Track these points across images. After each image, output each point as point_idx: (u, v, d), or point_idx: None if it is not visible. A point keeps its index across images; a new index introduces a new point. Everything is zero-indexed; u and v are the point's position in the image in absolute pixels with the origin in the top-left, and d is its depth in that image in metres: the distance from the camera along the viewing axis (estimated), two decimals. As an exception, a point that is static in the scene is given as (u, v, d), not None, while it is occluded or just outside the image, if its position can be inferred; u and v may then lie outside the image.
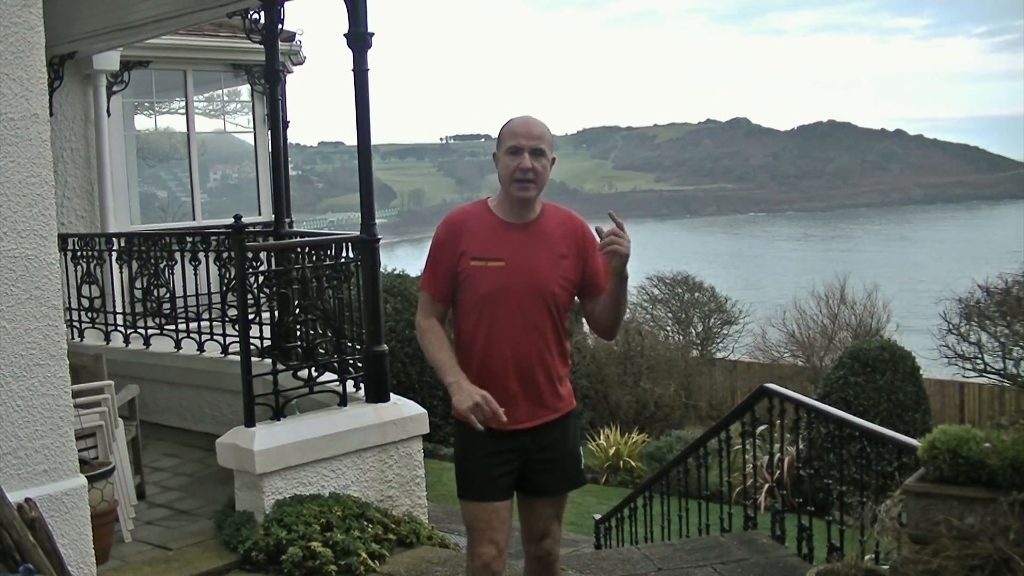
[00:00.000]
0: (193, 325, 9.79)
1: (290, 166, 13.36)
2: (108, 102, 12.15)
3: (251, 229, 10.24)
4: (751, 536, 8.66)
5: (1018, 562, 4.12)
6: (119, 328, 10.60)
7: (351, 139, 7.92)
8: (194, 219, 13.36)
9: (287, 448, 7.03)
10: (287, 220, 9.66)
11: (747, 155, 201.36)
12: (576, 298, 4.71)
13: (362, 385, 7.82)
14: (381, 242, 8.15)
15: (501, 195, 4.59)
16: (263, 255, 8.00)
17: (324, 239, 8.07)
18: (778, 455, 10.34)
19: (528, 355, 4.52)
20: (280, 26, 9.07)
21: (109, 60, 11.86)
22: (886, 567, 4.92)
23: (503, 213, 4.56)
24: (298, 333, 7.88)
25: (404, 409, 7.75)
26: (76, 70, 11.82)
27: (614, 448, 19.21)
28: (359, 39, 7.69)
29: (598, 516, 12.83)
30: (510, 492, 4.66)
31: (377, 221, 8.00)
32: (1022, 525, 4.21)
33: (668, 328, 29.02)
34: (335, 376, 7.74)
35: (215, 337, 9.47)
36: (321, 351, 7.81)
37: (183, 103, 13.50)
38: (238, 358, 7.30)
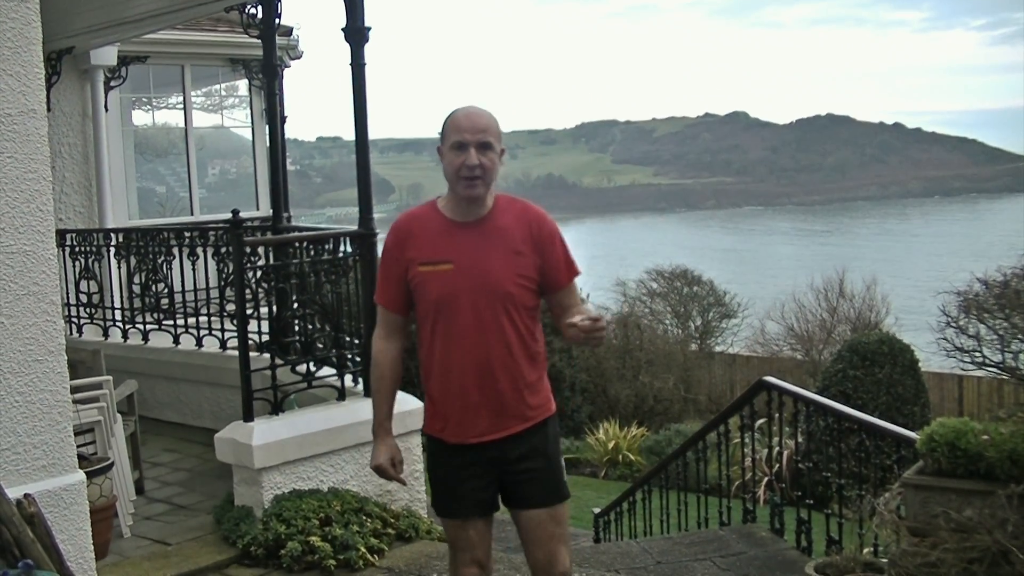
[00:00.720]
0: (192, 320, 9.79)
1: (288, 161, 13.34)
2: (106, 97, 12.13)
3: (249, 224, 10.22)
4: (750, 529, 8.68)
5: (1016, 554, 4.12)
6: (117, 323, 10.60)
7: (349, 134, 7.92)
8: (192, 214, 13.36)
9: (286, 443, 7.03)
10: (285, 215, 9.65)
11: (745, 149, 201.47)
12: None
13: (360, 379, 7.82)
14: (379, 236, 8.15)
15: (449, 193, 4.27)
16: (261, 250, 8.02)
17: (322, 233, 8.06)
18: (777, 448, 10.34)
19: (488, 362, 4.18)
20: (277, 20, 9.06)
21: (107, 55, 11.85)
22: (885, 560, 4.93)
23: (451, 212, 4.24)
24: (296, 328, 7.87)
25: (403, 403, 7.72)
26: (74, 65, 11.81)
27: (613, 442, 19.20)
28: (356, 33, 7.69)
29: (597, 510, 12.85)
30: (488, 507, 4.38)
31: (375, 215, 7.99)
32: (1020, 518, 4.21)
33: (667, 322, 29.01)
34: (333, 371, 7.74)
35: (213, 332, 9.47)
36: (319, 346, 7.80)
37: (181, 98, 13.49)
38: (236, 353, 7.29)
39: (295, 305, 7.73)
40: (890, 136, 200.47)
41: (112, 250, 10.71)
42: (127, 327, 10.44)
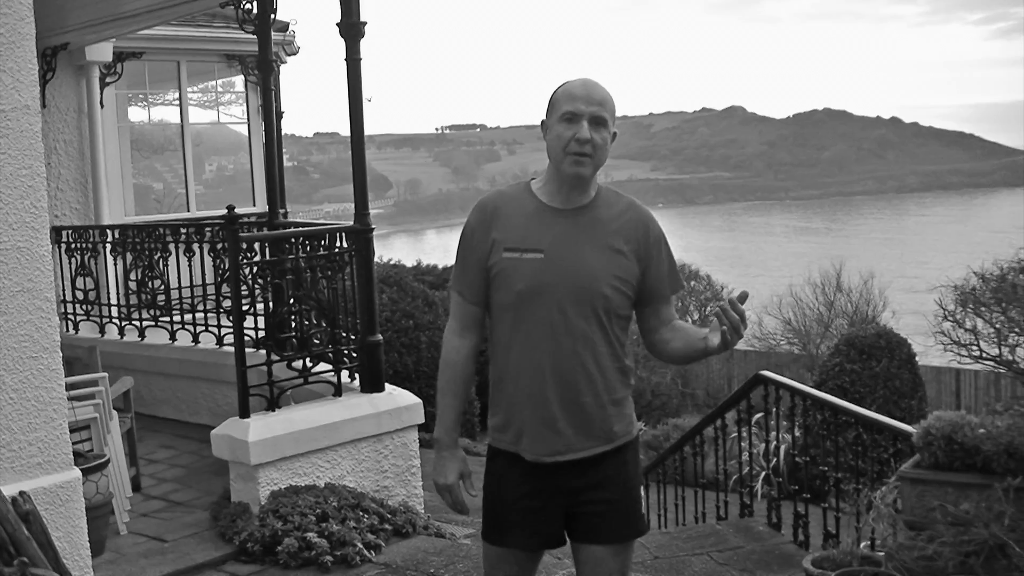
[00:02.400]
0: (188, 316, 9.79)
1: (285, 157, 13.32)
2: (101, 93, 12.11)
3: (245, 220, 10.22)
4: (747, 524, 8.68)
5: (1013, 547, 4.12)
6: (114, 320, 10.59)
7: (346, 130, 7.92)
8: (189, 210, 13.33)
9: (282, 439, 7.03)
10: (281, 211, 9.65)
11: (743, 143, 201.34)
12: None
13: (357, 375, 7.82)
14: (377, 232, 8.14)
15: (548, 174, 3.79)
16: (257, 246, 8.01)
17: (317, 229, 8.06)
18: (774, 443, 10.34)
19: (572, 370, 3.67)
20: (273, 16, 9.05)
21: (102, 51, 11.82)
22: (882, 554, 4.93)
23: (548, 196, 3.75)
24: (292, 324, 7.87)
25: (399, 399, 7.75)
26: (69, 61, 11.78)
27: (611, 437, 19.20)
28: (352, 29, 7.68)
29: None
30: (543, 540, 3.87)
31: (373, 211, 7.99)
32: (1017, 511, 4.21)
33: (664, 317, 29.03)
34: (330, 366, 7.74)
35: (210, 328, 9.47)
36: (315, 341, 7.80)
37: (177, 94, 13.46)
38: (233, 349, 7.29)
39: (291, 301, 7.72)
40: (887, 130, 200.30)
41: (108, 247, 10.70)
42: (123, 324, 10.43)
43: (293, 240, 7.85)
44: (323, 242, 7.79)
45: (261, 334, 8.07)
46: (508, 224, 3.72)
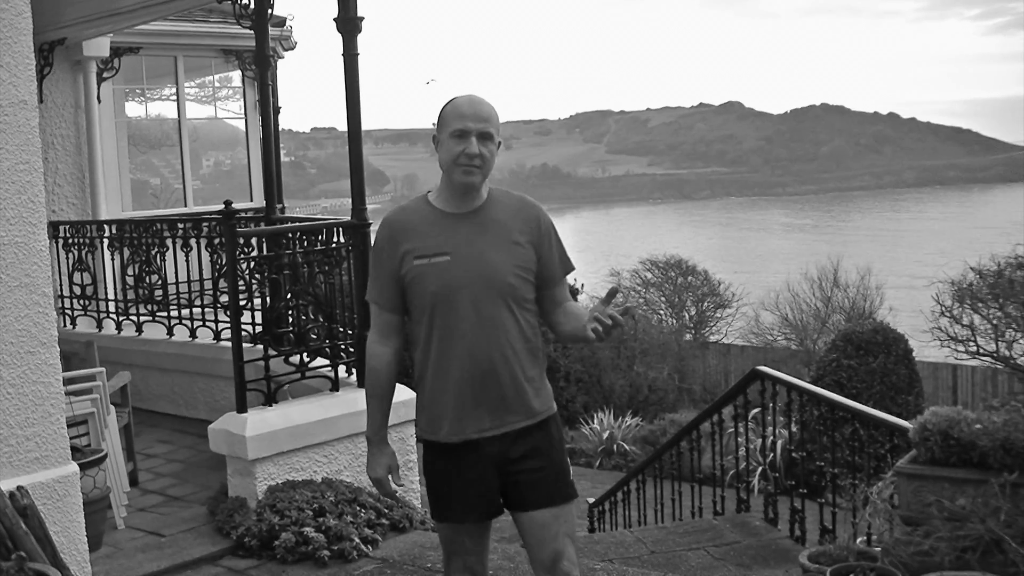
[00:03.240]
0: (185, 312, 9.79)
1: (283, 152, 13.31)
2: (98, 89, 12.10)
3: (242, 215, 10.21)
4: (744, 519, 8.69)
5: (1009, 543, 4.13)
6: (111, 315, 10.58)
7: (343, 125, 7.92)
8: (186, 205, 13.32)
9: (279, 434, 7.03)
10: (278, 206, 9.65)
11: (740, 138, 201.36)
12: None
13: (354, 370, 7.83)
14: (374, 227, 8.14)
15: (442, 184, 4.13)
16: (254, 241, 8.02)
17: (314, 224, 8.06)
18: (771, 438, 10.35)
19: (488, 356, 4.02)
20: (270, 11, 9.06)
21: (99, 46, 11.81)
22: (878, 549, 4.93)
23: (444, 204, 4.09)
24: (289, 319, 7.87)
25: (396, 394, 7.74)
26: (66, 56, 11.77)
27: (608, 432, 19.23)
28: (349, 24, 7.68)
29: (591, 500, 12.85)
30: (485, 512, 4.17)
31: (370, 206, 8.00)
32: (1013, 506, 4.22)
33: (661, 312, 29.09)
34: (327, 361, 7.74)
35: (207, 323, 9.47)
36: (313, 336, 7.80)
37: (174, 89, 13.45)
38: (230, 344, 7.29)
39: (288, 296, 7.72)
40: (884, 126, 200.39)
41: (106, 242, 10.70)
42: (121, 319, 10.42)
43: (290, 235, 7.85)
44: (320, 237, 7.79)
45: (258, 329, 8.07)
46: (414, 234, 4.06)
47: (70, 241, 10.87)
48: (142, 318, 10.18)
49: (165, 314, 9.95)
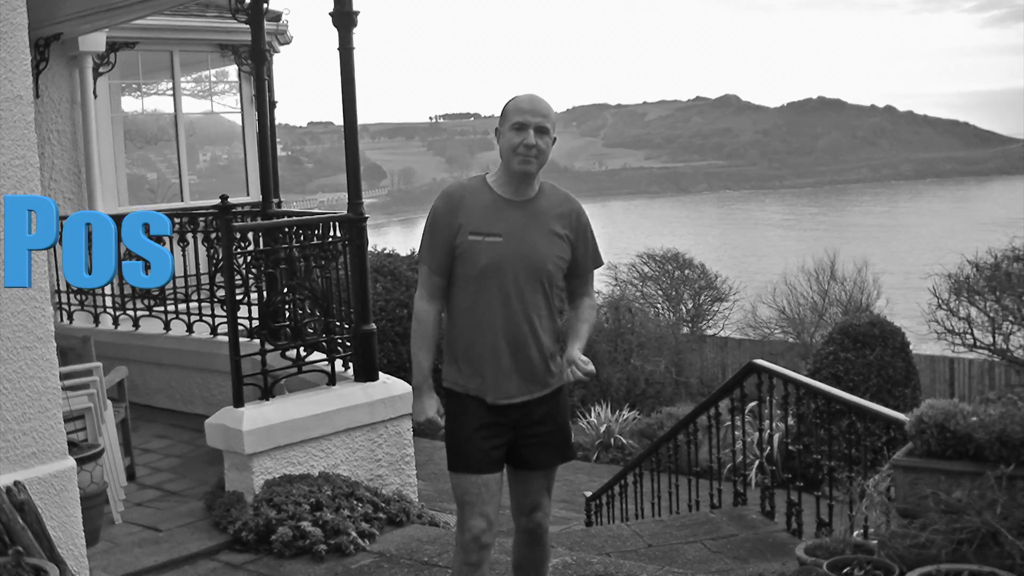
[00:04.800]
0: (182, 306, 9.79)
1: (279, 147, 13.31)
2: (95, 84, 12.08)
3: (239, 210, 10.21)
4: (741, 512, 8.69)
5: (1005, 535, 4.13)
6: (108, 310, 10.58)
7: (340, 119, 7.91)
8: (182, 200, 13.31)
9: (276, 428, 7.04)
10: (275, 200, 9.64)
11: (737, 132, 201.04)
12: None
13: (351, 364, 7.83)
14: (370, 221, 8.14)
15: (500, 171, 4.63)
16: (251, 235, 8.01)
17: (311, 219, 8.06)
18: (768, 431, 10.35)
19: (522, 331, 4.54)
20: (266, 5, 9.05)
21: (95, 41, 11.79)
22: (875, 542, 4.93)
23: (501, 189, 4.60)
24: (286, 313, 7.87)
25: (393, 388, 7.76)
26: (62, 51, 11.75)
27: (605, 425, 19.21)
28: (344, 18, 7.68)
29: (588, 493, 12.85)
30: (500, 465, 4.65)
31: (367, 200, 8.01)
32: (1009, 499, 4.22)
33: (658, 305, 29.06)
34: (323, 356, 7.75)
35: (204, 318, 9.47)
36: (309, 331, 7.81)
37: (170, 84, 13.44)
38: (227, 339, 7.29)
39: (285, 290, 7.73)
40: (881, 119, 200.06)
41: (102, 237, 10.67)
42: (118, 313, 10.42)
43: (287, 229, 7.85)
44: (317, 231, 7.79)
45: (255, 323, 8.07)
46: (471, 212, 4.54)
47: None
48: (139, 313, 10.18)
49: (162, 309, 9.95)
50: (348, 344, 7.82)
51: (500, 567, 5.90)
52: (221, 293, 8.90)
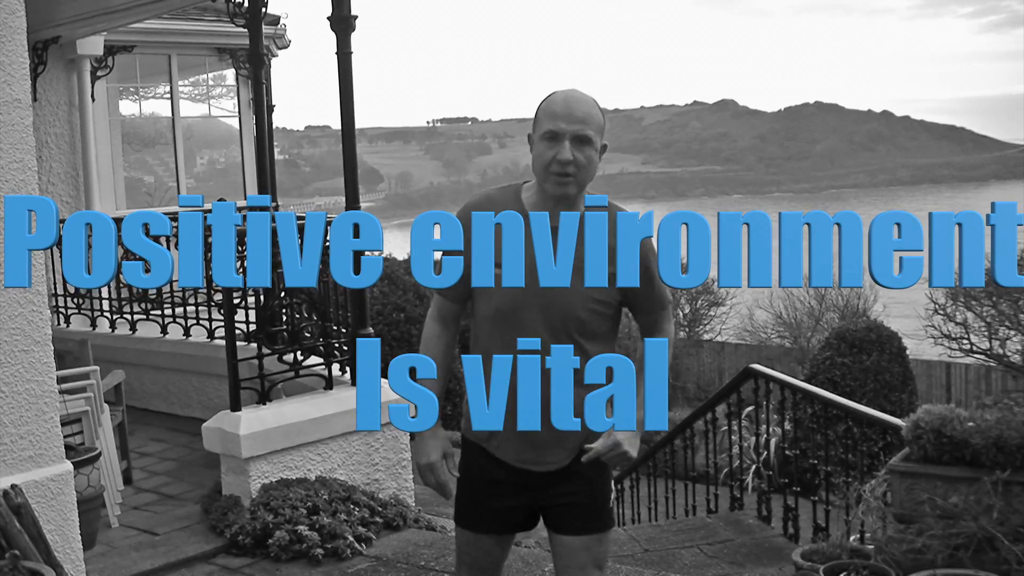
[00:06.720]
0: (179, 310, 9.78)
1: (277, 150, 13.31)
2: (92, 87, 12.08)
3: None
4: (737, 517, 8.71)
5: (1001, 540, 4.14)
6: (105, 314, 10.57)
7: (338, 123, 7.91)
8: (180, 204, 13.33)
9: (273, 432, 7.03)
10: (272, 204, 9.63)
11: (734, 137, 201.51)
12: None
13: (348, 368, 7.83)
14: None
15: (536, 186, 3.59)
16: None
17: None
18: (764, 436, 10.36)
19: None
20: (264, 9, 9.05)
21: (93, 45, 11.79)
22: (871, 546, 4.95)
23: (534, 208, 3.51)
24: (283, 317, 7.87)
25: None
26: (60, 55, 11.76)
27: (602, 430, 19.22)
28: (342, 22, 7.68)
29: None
30: (511, 528, 3.88)
31: (365, 204, 8.01)
32: (1005, 504, 4.23)
33: (655, 310, 29.04)
34: (321, 360, 7.75)
35: (201, 322, 9.45)
36: (307, 335, 7.80)
37: (168, 88, 13.45)
38: (224, 343, 7.29)
39: (282, 294, 7.72)
40: (878, 124, 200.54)
41: (99, 240, 10.67)
42: (115, 317, 10.41)
43: (284, 233, 7.83)
44: (314, 235, 7.78)
45: (252, 327, 8.07)
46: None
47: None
48: (136, 316, 10.17)
49: (159, 312, 9.94)
50: (345, 348, 7.81)
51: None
52: (218, 297, 8.90)
